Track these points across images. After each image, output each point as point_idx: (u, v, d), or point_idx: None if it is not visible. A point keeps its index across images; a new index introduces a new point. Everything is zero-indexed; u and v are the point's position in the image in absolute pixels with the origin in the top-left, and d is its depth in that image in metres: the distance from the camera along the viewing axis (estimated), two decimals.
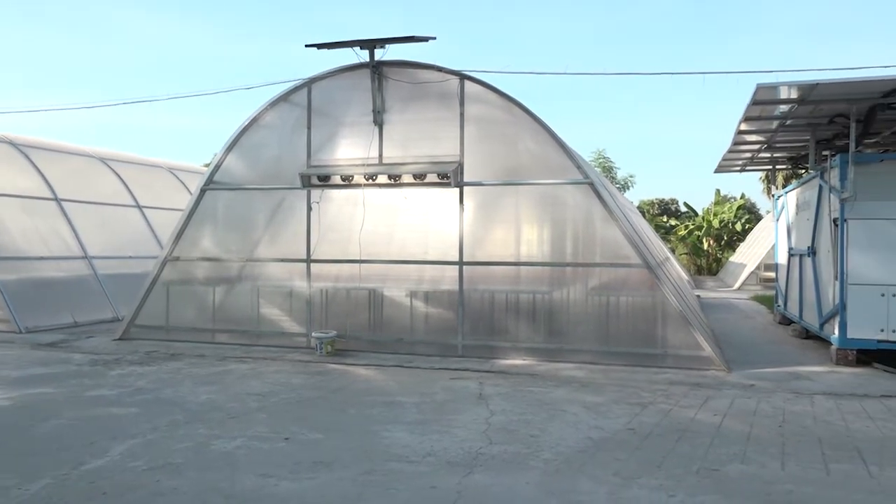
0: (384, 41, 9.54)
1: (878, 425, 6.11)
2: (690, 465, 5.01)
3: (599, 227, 9.21)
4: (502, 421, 6.21)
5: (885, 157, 10.05)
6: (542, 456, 5.21)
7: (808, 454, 5.27)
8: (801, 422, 6.22)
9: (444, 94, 9.70)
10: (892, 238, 8.71)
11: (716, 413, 6.51)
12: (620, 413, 6.50)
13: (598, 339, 9.12)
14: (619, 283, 9.14)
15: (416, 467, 4.95)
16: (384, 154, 9.98)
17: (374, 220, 10.04)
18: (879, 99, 8.66)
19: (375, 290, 10.10)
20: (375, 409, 6.69)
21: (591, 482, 4.66)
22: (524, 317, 9.48)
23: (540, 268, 9.47)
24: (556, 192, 9.37)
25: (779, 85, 8.40)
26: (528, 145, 9.47)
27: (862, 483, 4.66)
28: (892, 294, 8.68)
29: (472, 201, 9.72)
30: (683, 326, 8.82)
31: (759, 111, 9.59)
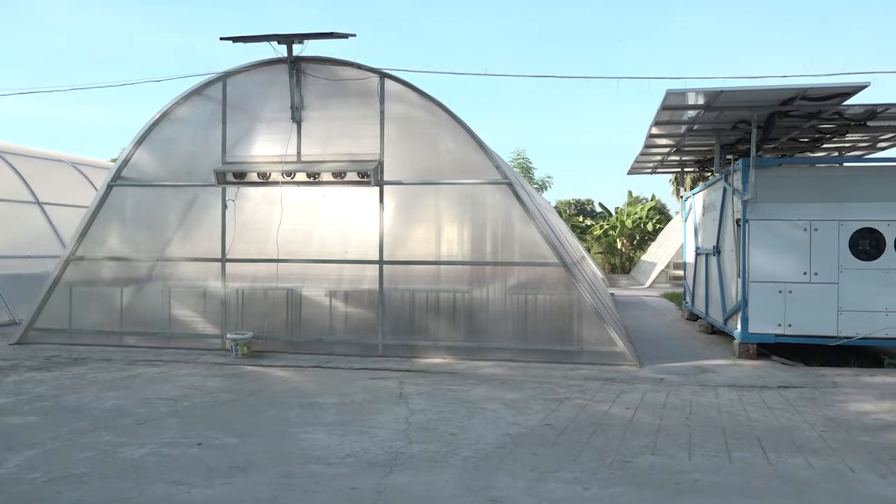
0: (303, 36, 9.37)
1: (775, 415, 6.47)
2: (604, 457, 5.16)
3: (518, 227, 9.36)
4: (422, 420, 6.21)
5: (782, 161, 10.68)
6: (461, 453, 5.25)
7: (713, 444, 5.53)
8: (706, 413, 6.52)
9: (364, 92, 9.62)
10: (788, 238, 9.25)
11: (628, 407, 6.73)
12: (538, 409, 6.63)
13: (516, 337, 9.27)
14: (537, 281, 9.32)
15: (335, 469, 4.89)
16: (303, 151, 9.81)
17: (293, 219, 9.85)
18: (778, 107, 9.17)
19: (294, 290, 9.91)
20: (293, 411, 6.56)
21: (509, 478, 4.72)
22: (444, 316, 9.53)
23: (460, 267, 9.54)
24: (475, 192, 9.46)
25: (687, 91, 8.76)
26: (448, 145, 9.52)
27: (761, 470, 4.93)
28: (789, 291, 9.23)
29: (392, 200, 9.68)
30: (598, 323, 9.08)
31: (668, 116, 9.98)
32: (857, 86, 8.34)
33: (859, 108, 9.17)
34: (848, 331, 9.02)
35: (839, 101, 8.91)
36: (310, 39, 9.40)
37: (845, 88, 8.46)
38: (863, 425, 6.10)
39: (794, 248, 9.23)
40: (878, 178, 9.33)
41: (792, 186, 9.41)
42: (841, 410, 6.64)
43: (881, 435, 5.79)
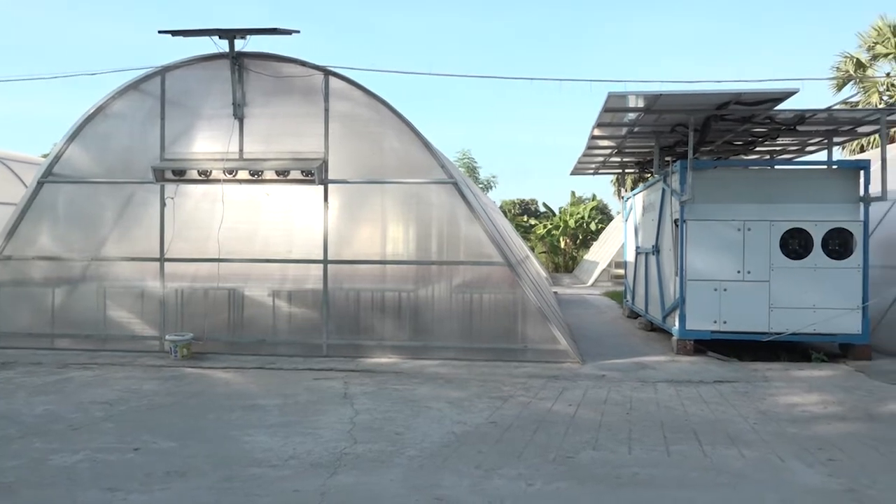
0: (245, 31, 9.20)
1: (711, 408, 6.69)
2: (548, 454, 5.24)
3: (463, 227, 9.41)
4: (367, 420, 6.19)
5: (718, 163, 11.03)
6: (406, 453, 5.25)
7: (652, 438, 5.68)
8: (646, 408, 6.69)
9: (308, 90, 9.51)
10: (723, 237, 9.57)
11: (571, 403, 6.85)
12: (483, 407, 6.68)
13: (461, 336, 9.32)
14: (482, 280, 9.39)
15: (278, 471, 4.82)
16: (245, 149, 9.63)
17: (235, 218, 9.66)
18: (714, 111, 9.48)
19: (236, 290, 9.72)
20: (235, 413, 6.44)
21: (454, 476, 4.75)
22: (390, 315, 9.50)
23: (406, 266, 9.53)
24: (421, 191, 9.46)
25: (628, 94, 8.97)
26: (393, 144, 9.49)
27: (697, 462, 5.09)
28: (724, 289, 9.54)
29: (337, 199, 9.60)
30: (542, 322, 9.21)
31: (610, 118, 10.20)
32: (787, 92, 8.69)
33: (789, 113, 9.55)
34: (778, 327, 9.38)
35: (771, 106, 9.27)
36: (252, 35, 9.23)
37: (776, 94, 8.80)
38: (792, 417, 6.37)
39: (729, 248, 9.55)
40: (806, 181, 9.74)
41: (727, 188, 9.74)
42: (772, 403, 6.91)
43: (808, 426, 6.06)
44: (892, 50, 24.55)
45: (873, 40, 25.07)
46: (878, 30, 24.89)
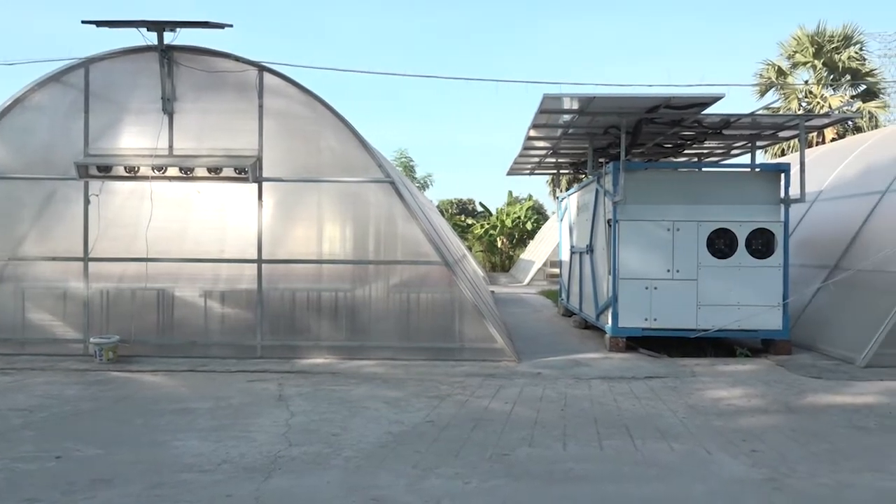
0: (175, 24, 8.91)
1: (642, 404, 6.88)
2: (484, 451, 5.28)
3: (401, 226, 9.38)
4: (303, 422, 6.09)
5: (649, 165, 11.35)
6: (343, 454, 5.19)
7: (586, 434, 5.79)
8: (580, 405, 6.82)
9: (242, 86, 9.30)
10: (654, 237, 9.85)
11: (507, 401, 6.92)
12: (420, 406, 6.68)
13: (399, 336, 9.30)
14: (420, 280, 9.38)
15: (210, 476, 4.70)
16: (175, 145, 9.33)
17: (164, 216, 9.35)
18: (645, 114, 9.74)
19: (165, 291, 9.42)
20: (165, 417, 6.24)
21: (391, 476, 4.73)
22: (326, 315, 9.39)
23: (342, 266, 9.44)
24: (358, 190, 9.38)
25: (562, 96, 9.13)
26: (330, 142, 9.38)
27: (629, 456, 5.22)
28: (655, 287, 9.82)
29: (271, 198, 9.42)
30: (479, 321, 9.27)
31: (545, 119, 10.35)
32: (714, 97, 9.01)
33: (716, 117, 9.91)
34: (706, 323, 9.72)
35: (698, 111, 9.59)
36: (183, 28, 8.95)
37: (703, 99, 9.12)
38: (718, 411, 6.61)
39: (659, 247, 9.83)
40: (731, 183, 10.13)
41: (657, 189, 10.02)
42: (699, 398, 7.16)
43: (733, 419, 6.30)
44: (810, 59, 25.80)
45: (793, 49, 26.28)
46: (797, 39, 26.10)
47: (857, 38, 25.76)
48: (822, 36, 25.50)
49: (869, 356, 8.72)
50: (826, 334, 9.97)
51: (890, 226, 10.01)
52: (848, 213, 11.19)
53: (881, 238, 9.86)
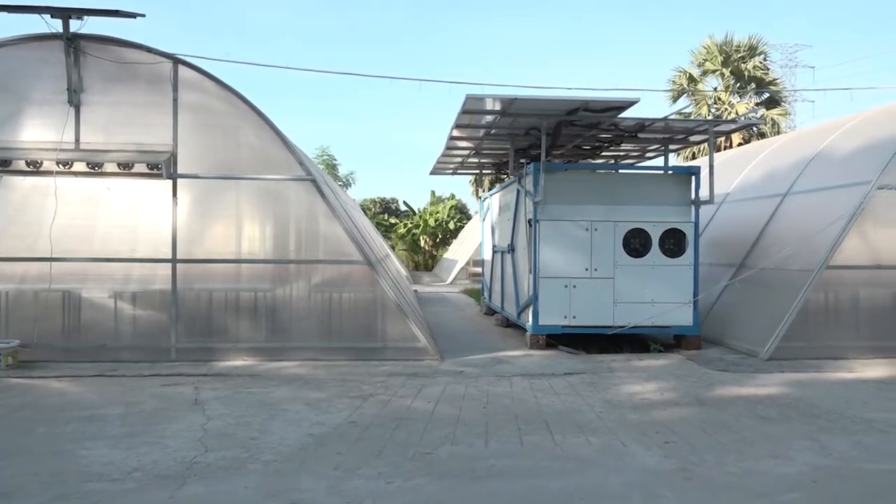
0: (82, 11, 8.48)
1: (561, 399, 7.03)
2: (407, 451, 5.27)
3: (322, 225, 9.25)
4: (220, 426, 5.92)
5: (568, 166, 11.62)
6: (262, 458, 5.07)
7: (508, 430, 5.87)
8: (501, 402, 6.91)
9: (155, 78, 8.94)
10: (573, 237, 10.09)
11: (430, 400, 6.94)
12: (342, 407, 6.60)
13: (320, 336, 9.16)
14: (342, 279, 9.28)
15: (120, 485, 4.49)
16: (82, 139, 8.88)
17: (70, 213, 8.89)
18: (564, 116, 9.96)
19: (72, 292, 8.94)
20: (71, 425, 5.93)
21: (311, 479, 4.65)
22: (245, 316, 9.15)
23: (262, 265, 9.22)
24: (278, 188, 9.19)
25: (485, 97, 9.22)
26: (249, 139, 9.15)
27: (549, 451, 5.33)
28: (574, 286, 10.06)
29: (187, 195, 9.10)
30: (401, 320, 9.25)
31: (468, 119, 10.44)
32: (630, 101, 9.31)
33: (631, 121, 10.24)
34: (622, 320, 10.03)
35: (615, 114, 9.89)
36: (91, 16, 8.53)
37: (620, 103, 9.41)
38: (633, 404, 6.83)
39: (578, 247, 10.08)
40: (646, 184, 10.50)
41: (576, 190, 10.27)
42: (615, 392, 7.38)
43: (647, 412, 6.52)
44: (718, 67, 27.06)
45: (703, 57, 27.51)
46: (707, 48, 27.33)
47: (762, 49, 27.26)
48: (729, 45, 26.81)
49: (771, 350, 9.22)
50: (733, 329, 10.48)
51: (790, 226, 10.62)
52: (752, 214, 11.80)
53: (782, 238, 10.45)
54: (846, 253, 9.37)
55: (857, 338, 9.46)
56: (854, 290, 9.52)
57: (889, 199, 9.40)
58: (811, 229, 9.77)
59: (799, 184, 11.21)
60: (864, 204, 9.33)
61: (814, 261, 9.44)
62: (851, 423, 6.14)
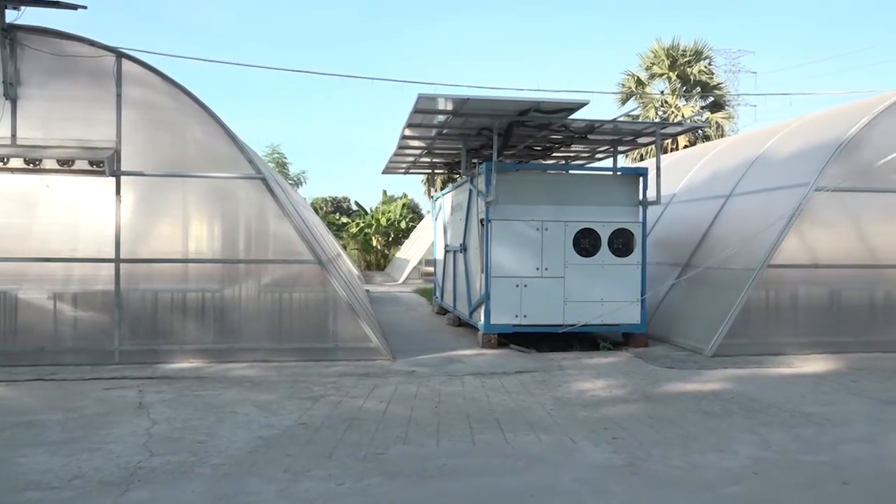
0: (18, 1, 8.16)
1: (513, 398, 7.09)
2: (358, 452, 5.24)
3: (272, 224, 9.11)
4: (166, 430, 5.77)
5: (520, 166, 11.73)
6: (210, 462, 4.97)
7: (459, 429, 5.89)
8: (453, 401, 6.93)
9: (98, 73, 8.67)
10: (524, 237, 10.18)
11: (381, 400, 6.91)
12: (293, 409, 6.52)
13: (270, 337, 9.03)
14: (293, 279, 9.16)
15: (59, 493, 4.34)
16: (19, 134, 8.54)
17: (6, 211, 8.57)
18: (516, 117, 10.04)
19: (7, 293, 8.60)
20: (7, 432, 5.70)
21: (261, 482, 4.58)
22: (193, 317, 8.95)
23: (210, 265, 9.03)
24: (227, 186, 9.02)
25: (437, 97, 9.23)
26: (196, 136, 8.95)
27: (500, 449, 5.36)
28: (525, 285, 10.16)
29: (132, 193, 8.85)
30: (353, 320, 9.19)
31: (420, 119, 10.43)
32: (580, 103, 9.44)
33: (581, 122, 10.39)
34: (572, 319, 10.17)
35: (565, 115, 10.02)
36: (28, 6, 8.23)
37: (570, 104, 9.53)
38: (582, 402, 6.93)
39: (529, 246, 10.18)
40: (595, 185, 10.66)
41: (527, 190, 10.37)
42: (566, 390, 7.48)
43: (596, 409, 6.63)
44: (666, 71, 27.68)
45: (651, 61, 28.11)
46: (655, 52, 27.94)
47: (707, 54, 28.01)
48: (676, 50, 27.47)
49: (715, 346, 9.48)
50: (679, 327, 10.74)
51: (733, 227, 10.94)
52: (698, 214, 12.12)
53: (726, 238, 10.76)
54: (786, 252, 9.70)
55: (795, 334, 9.80)
56: (793, 289, 9.87)
57: (826, 201, 9.76)
58: (753, 230, 10.08)
59: (741, 185, 11.56)
60: (802, 205, 9.67)
61: (755, 260, 9.74)
62: (790, 416, 6.36)
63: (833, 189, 9.69)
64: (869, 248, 10.07)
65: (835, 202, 9.81)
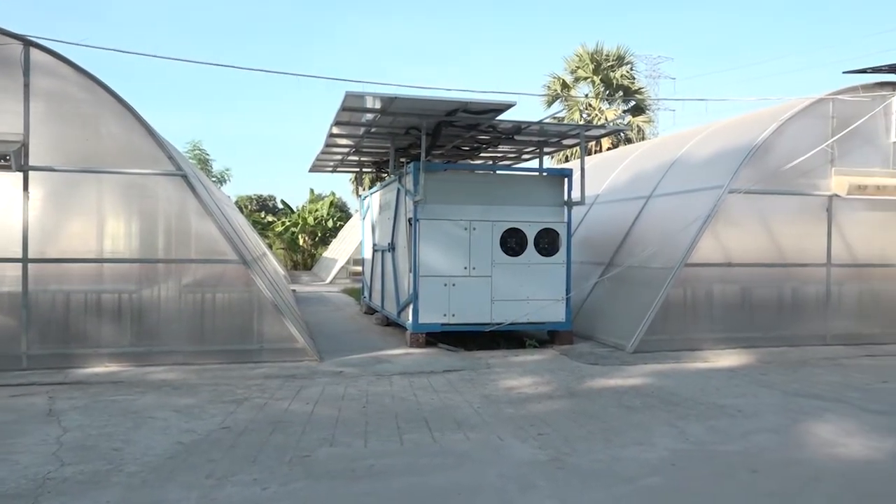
0: None
1: (440, 397, 7.12)
2: (284, 455, 5.14)
3: (194, 222, 8.83)
4: (78, 438, 5.51)
5: (448, 166, 11.77)
6: (126, 469, 4.77)
7: (387, 429, 5.87)
8: (381, 401, 6.89)
9: (3, 61, 8.18)
10: (452, 236, 10.22)
11: (308, 402, 6.80)
12: (215, 412, 6.34)
13: (192, 339, 8.75)
14: (215, 279, 8.91)
15: None
16: None
17: None
18: (444, 117, 10.08)
19: None
20: None
21: (181, 489, 4.43)
22: (108, 319, 8.57)
23: (127, 265, 8.67)
24: (145, 183, 8.68)
25: (365, 95, 9.15)
26: (112, 130, 8.57)
27: (428, 448, 5.37)
28: (453, 284, 10.21)
29: (41, 189, 8.40)
30: (278, 320, 9.01)
31: (348, 117, 10.32)
32: (506, 104, 9.56)
33: (508, 123, 10.52)
34: (499, 317, 10.29)
35: (493, 116, 10.12)
36: None
37: (497, 105, 9.64)
38: (509, 399, 7.03)
39: (457, 245, 10.23)
40: (522, 186, 10.82)
41: (455, 190, 10.42)
42: (493, 388, 7.56)
43: (523, 406, 6.73)
44: (590, 75, 28.38)
45: (576, 65, 28.77)
46: (579, 56, 28.61)
47: (629, 59, 28.90)
48: (599, 55, 28.22)
49: (636, 343, 9.79)
50: (602, 324, 11.03)
51: (653, 227, 11.32)
52: (620, 215, 12.48)
53: (646, 237, 11.12)
54: (702, 252, 10.11)
55: (711, 330, 10.24)
56: (709, 287, 10.30)
57: (738, 202, 10.23)
58: (672, 230, 10.46)
59: (661, 187, 11.97)
60: (717, 207, 10.10)
61: (674, 259, 10.11)
62: (706, 409, 6.63)
63: (745, 191, 10.17)
64: (777, 248, 10.62)
65: (747, 204, 10.30)
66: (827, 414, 6.49)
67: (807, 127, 10.56)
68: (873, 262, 11.02)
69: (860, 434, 5.82)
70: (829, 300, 10.81)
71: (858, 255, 10.95)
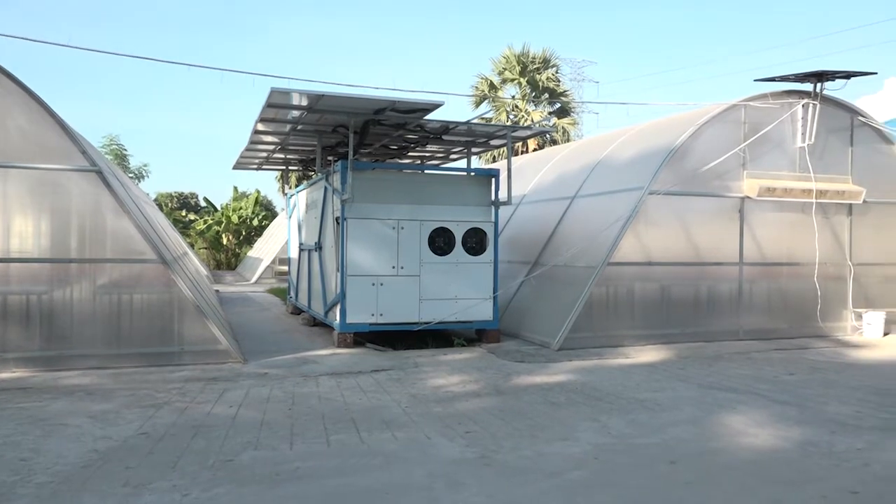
0: None
1: (368, 397, 7.07)
2: (206, 460, 4.99)
3: (110, 220, 8.46)
4: None
5: (376, 165, 11.71)
6: (34, 480, 4.53)
7: (314, 431, 5.78)
8: (308, 402, 6.79)
9: None
10: (380, 235, 10.18)
11: (232, 405, 6.63)
12: (132, 418, 6.10)
13: (108, 342, 8.39)
14: (133, 279, 8.57)
15: None
16: None
17: None
18: (372, 115, 10.02)
19: None
20: None
21: (95, 498, 4.24)
22: (15, 322, 8.11)
23: (36, 265, 8.23)
24: (56, 179, 8.26)
25: (291, 91, 9.00)
26: (19, 123, 8.12)
27: (355, 449, 5.33)
28: (381, 283, 10.16)
29: None
30: (200, 322, 8.75)
31: (273, 114, 10.12)
32: (434, 104, 9.59)
33: (436, 123, 10.56)
34: (427, 317, 10.31)
35: (421, 116, 10.14)
36: None
37: (425, 105, 9.65)
38: (437, 398, 7.05)
39: (386, 245, 10.20)
40: (450, 185, 10.88)
41: (384, 189, 10.38)
42: (421, 387, 7.57)
43: (451, 404, 6.77)
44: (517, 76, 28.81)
45: (503, 66, 29.14)
46: (506, 58, 28.99)
47: (554, 62, 29.49)
48: (526, 57, 28.68)
49: (561, 340, 10.00)
50: (528, 323, 11.22)
51: (578, 227, 11.60)
52: (546, 215, 12.72)
53: (571, 237, 11.38)
54: (623, 251, 10.42)
55: (632, 327, 10.57)
56: (630, 285, 10.63)
57: (658, 203, 10.61)
58: (595, 230, 10.74)
59: (585, 188, 12.28)
60: (637, 207, 10.44)
61: (597, 258, 10.39)
62: (627, 403, 6.84)
63: (664, 192, 10.55)
64: (694, 247, 11.07)
65: (666, 204, 10.68)
66: (740, 406, 6.81)
67: (721, 131, 11.06)
68: (781, 260, 11.63)
69: (769, 424, 6.13)
70: (742, 297, 11.34)
71: (768, 254, 11.54)
